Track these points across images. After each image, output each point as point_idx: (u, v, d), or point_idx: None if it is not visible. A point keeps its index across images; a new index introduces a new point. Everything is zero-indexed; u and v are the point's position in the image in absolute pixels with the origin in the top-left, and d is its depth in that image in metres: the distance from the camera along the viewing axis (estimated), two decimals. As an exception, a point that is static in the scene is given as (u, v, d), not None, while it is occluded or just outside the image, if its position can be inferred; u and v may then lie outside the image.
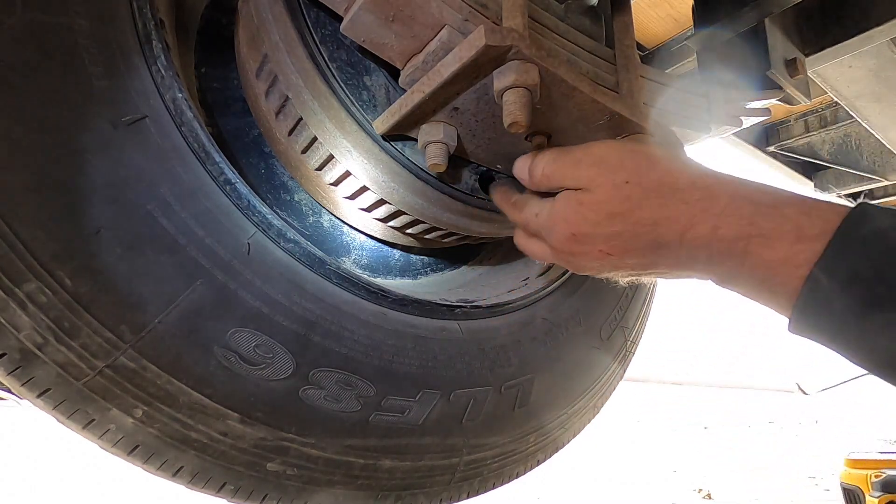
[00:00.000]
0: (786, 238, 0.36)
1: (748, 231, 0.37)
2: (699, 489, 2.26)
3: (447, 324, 0.65)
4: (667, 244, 0.41)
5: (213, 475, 0.48)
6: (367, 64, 0.55)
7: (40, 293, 0.39)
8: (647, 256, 0.42)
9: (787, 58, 0.84)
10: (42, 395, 0.40)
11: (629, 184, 0.42)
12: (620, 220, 0.42)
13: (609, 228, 0.42)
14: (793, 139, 1.73)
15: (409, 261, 0.83)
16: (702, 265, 0.41)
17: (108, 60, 0.44)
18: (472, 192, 0.59)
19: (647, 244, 0.42)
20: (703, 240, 0.39)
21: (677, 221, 0.40)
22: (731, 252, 0.38)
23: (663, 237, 0.41)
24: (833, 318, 0.34)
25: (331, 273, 0.55)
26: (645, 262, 0.43)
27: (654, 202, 0.41)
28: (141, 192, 0.44)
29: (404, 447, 0.59)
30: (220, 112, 0.69)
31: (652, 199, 0.41)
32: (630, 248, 0.42)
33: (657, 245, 0.41)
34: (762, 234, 0.37)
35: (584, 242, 0.44)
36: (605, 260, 0.44)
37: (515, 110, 0.41)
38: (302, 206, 0.72)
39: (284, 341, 0.50)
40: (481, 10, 0.46)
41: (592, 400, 0.84)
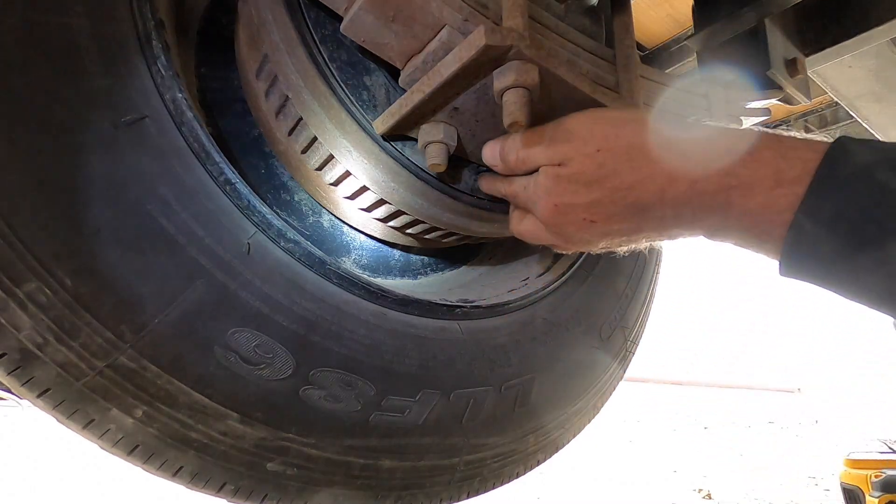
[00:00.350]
0: (765, 184, 0.35)
1: (727, 182, 0.37)
2: (699, 489, 2.26)
3: (447, 324, 0.65)
4: (648, 205, 0.41)
5: (213, 475, 0.48)
6: (367, 64, 0.55)
7: (40, 293, 0.39)
8: (632, 220, 0.43)
9: (787, 58, 0.84)
10: (42, 395, 0.40)
11: (600, 151, 0.43)
12: (598, 187, 0.43)
13: (588, 196, 0.43)
14: (793, 139, 1.73)
15: (409, 261, 0.83)
16: (688, 222, 0.41)
17: (108, 60, 0.44)
18: (472, 192, 0.59)
19: (627, 207, 0.42)
20: (684, 197, 0.39)
21: (653, 181, 0.40)
22: (714, 205, 0.38)
23: (642, 199, 0.41)
24: (821, 261, 0.33)
25: (331, 273, 0.55)
26: (631, 227, 0.44)
27: (626, 166, 0.42)
28: (141, 192, 0.44)
29: (404, 447, 0.59)
30: (220, 112, 0.69)
31: (624, 163, 0.42)
32: (612, 213, 0.43)
33: (638, 207, 0.42)
34: (742, 184, 0.36)
35: (567, 212, 0.45)
36: (592, 228, 0.45)
37: (515, 110, 0.41)
38: (302, 206, 0.72)
39: (284, 341, 0.50)
40: (481, 10, 0.46)
41: (592, 400, 0.84)
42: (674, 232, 0.43)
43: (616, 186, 0.42)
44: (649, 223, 0.43)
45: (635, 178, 0.41)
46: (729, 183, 0.37)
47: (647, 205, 0.41)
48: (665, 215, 0.41)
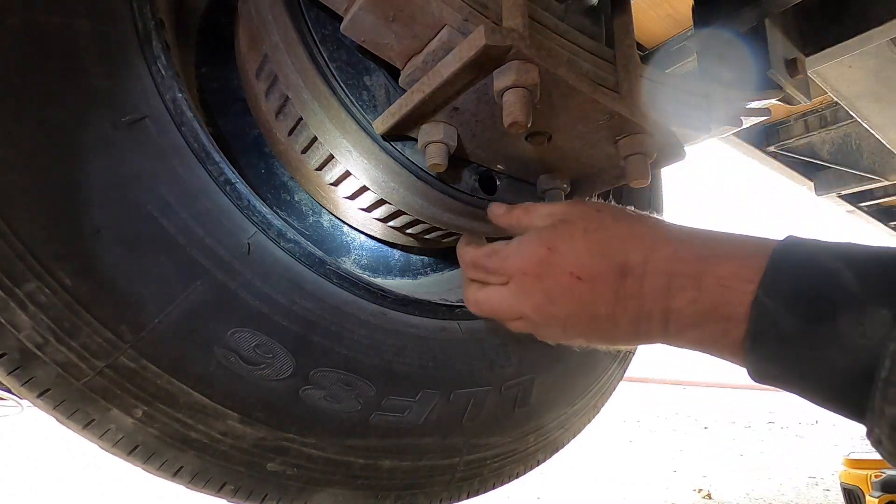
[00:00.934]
0: (736, 255, 0.39)
1: (703, 252, 0.41)
2: (699, 489, 2.26)
3: (447, 324, 0.65)
4: (631, 267, 0.42)
5: (213, 475, 0.48)
6: (367, 64, 0.55)
7: (40, 293, 0.39)
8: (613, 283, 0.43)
9: (787, 58, 0.84)
10: (42, 395, 0.41)
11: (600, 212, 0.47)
12: (593, 234, 0.45)
13: (584, 242, 0.45)
14: (793, 139, 1.73)
15: (409, 261, 0.83)
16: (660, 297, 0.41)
17: (108, 60, 0.44)
18: (472, 192, 0.59)
19: (614, 266, 0.43)
20: (665, 262, 0.42)
21: (643, 240, 0.43)
22: (691, 273, 0.40)
23: (631, 256, 0.43)
24: (782, 341, 0.35)
25: (331, 273, 0.55)
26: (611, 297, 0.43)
27: (623, 223, 0.46)
28: (141, 192, 0.44)
29: (404, 447, 0.59)
30: (220, 112, 0.69)
31: (622, 219, 0.46)
32: (599, 269, 0.43)
33: (623, 268, 0.43)
34: (714, 255, 0.40)
35: (555, 263, 0.45)
36: (574, 289, 0.44)
37: (515, 110, 0.41)
38: (302, 206, 0.72)
39: (284, 341, 0.50)
40: (481, 10, 0.46)
41: (592, 400, 0.84)
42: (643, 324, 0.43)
43: (614, 235, 0.44)
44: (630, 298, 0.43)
45: (629, 232, 0.44)
46: (704, 252, 0.41)
47: (633, 266, 0.43)
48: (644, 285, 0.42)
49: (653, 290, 0.42)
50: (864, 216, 2.12)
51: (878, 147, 1.63)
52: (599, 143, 0.55)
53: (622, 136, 0.54)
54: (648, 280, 0.42)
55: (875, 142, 1.50)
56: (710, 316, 0.39)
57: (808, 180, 1.86)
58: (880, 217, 2.18)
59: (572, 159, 0.59)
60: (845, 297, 0.33)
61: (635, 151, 0.53)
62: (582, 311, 0.45)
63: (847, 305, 0.33)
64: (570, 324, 0.46)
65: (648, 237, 0.44)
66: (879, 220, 2.17)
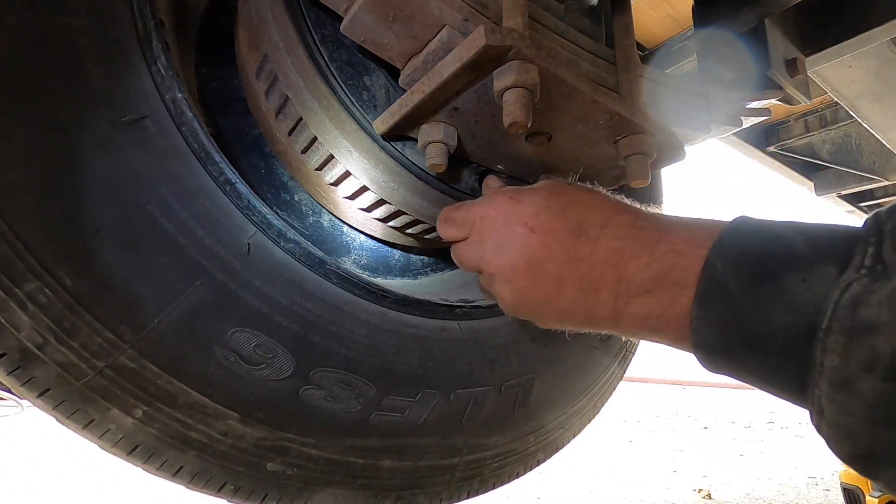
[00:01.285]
0: (691, 226, 0.40)
1: (661, 223, 0.42)
2: (699, 489, 2.26)
3: (447, 324, 0.65)
4: (588, 228, 0.43)
5: (213, 475, 0.48)
6: (367, 64, 0.55)
7: (40, 293, 0.39)
8: (566, 240, 0.43)
9: (787, 58, 0.84)
10: (42, 395, 0.40)
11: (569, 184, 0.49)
12: (556, 196, 0.46)
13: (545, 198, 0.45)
14: (793, 139, 1.73)
15: (409, 261, 0.83)
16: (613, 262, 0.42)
17: (108, 60, 0.44)
18: (472, 192, 0.59)
19: (571, 225, 0.43)
20: (622, 227, 0.42)
21: (602, 209, 0.44)
22: (648, 240, 0.40)
23: (587, 220, 0.43)
24: (728, 301, 0.35)
25: (331, 273, 0.55)
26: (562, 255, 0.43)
27: (587, 192, 0.46)
28: (141, 192, 0.44)
29: (404, 447, 0.59)
30: (220, 112, 0.69)
31: (587, 190, 0.47)
32: (554, 225, 0.44)
33: (579, 227, 0.43)
34: (673, 225, 0.41)
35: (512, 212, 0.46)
36: (526, 240, 0.44)
37: (515, 110, 0.41)
38: (302, 206, 0.72)
39: (284, 341, 0.50)
40: (481, 10, 0.46)
41: (592, 400, 0.84)
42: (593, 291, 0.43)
43: (573, 199, 0.45)
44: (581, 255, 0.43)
45: (590, 198, 0.45)
46: (661, 224, 0.42)
47: (588, 227, 0.43)
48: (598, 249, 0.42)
49: (606, 253, 0.42)
50: (864, 216, 2.12)
51: (878, 147, 1.63)
52: (599, 143, 0.55)
53: (622, 136, 0.54)
54: (603, 243, 0.42)
55: (875, 142, 1.50)
56: (660, 281, 0.39)
57: (808, 180, 1.86)
58: (880, 217, 2.18)
59: (572, 159, 0.59)
60: (792, 256, 0.33)
61: (635, 151, 0.53)
62: (529, 266, 0.44)
63: (794, 264, 0.33)
64: (516, 280, 0.45)
65: (610, 205, 0.44)
66: (879, 220, 2.17)
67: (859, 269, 0.30)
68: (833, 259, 0.32)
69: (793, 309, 0.32)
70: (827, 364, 0.29)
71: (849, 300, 0.29)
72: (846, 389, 0.29)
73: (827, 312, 0.30)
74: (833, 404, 0.29)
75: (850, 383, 0.29)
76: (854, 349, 0.28)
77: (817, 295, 0.31)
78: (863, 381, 0.28)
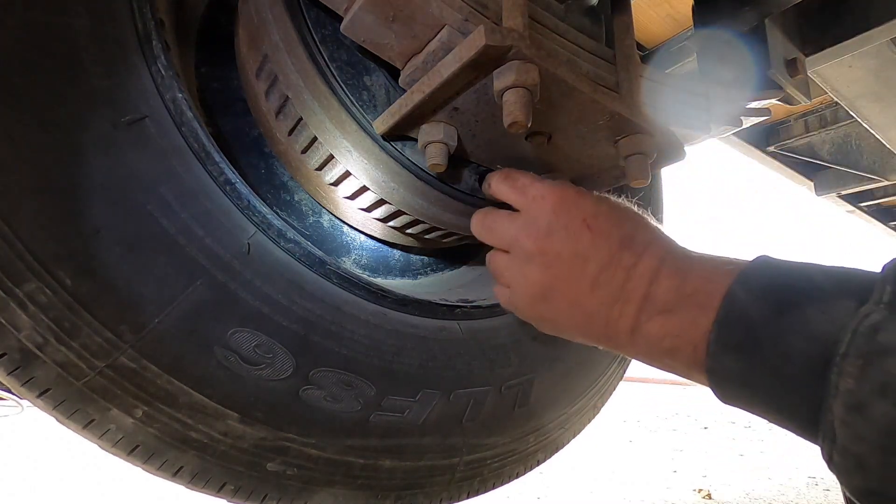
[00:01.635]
0: (715, 260, 0.42)
1: (691, 254, 0.44)
2: (699, 489, 2.26)
3: (447, 324, 0.65)
4: (635, 243, 0.45)
5: (213, 475, 0.48)
6: (367, 64, 0.55)
7: (40, 293, 0.39)
8: (615, 248, 0.45)
9: (787, 58, 0.84)
10: (42, 395, 0.40)
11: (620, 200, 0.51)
12: (615, 205, 0.48)
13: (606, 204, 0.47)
14: (793, 139, 1.73)
15: (409, 261, 0.83)
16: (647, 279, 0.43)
17: (108, 60, 0.44)
18: (472, 192, 0.59)
19: (623, 235, 0.45)
20: (663, 250, 0.44)
21: (649, 230, 0.47)
22: (679, 266, 0.43)
23: (636, 236, 0.46)
24: (748, 327, 0.36)
25: (331, 273, 0.55)
26: (607, 260, 0.45)
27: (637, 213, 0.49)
28: (141, 192, 0.44)
29: (404, 447, 0.59)
30: (220, 112, 0.69)
31: (634, 209, 0.50)
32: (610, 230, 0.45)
33: (629, 240, 0.45)
34: (703, 257, 0.43)
35: (575, 205, 0.47)
36: (579, 234, 0.45)
37: (515, 110, 0.41)
38: (302, 206, 0.72)
39: (284, 341, 0.50)
40: (481, 10, 0.46)
41: (592, 400, 0.84)
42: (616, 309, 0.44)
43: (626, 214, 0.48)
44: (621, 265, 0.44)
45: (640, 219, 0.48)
46: (693, 255, 0.44)
47: (636, 243, 0.45)
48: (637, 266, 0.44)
49: (644, 269, 0.43)
50: (864, 216, 2.12)
51: (878, 147, 1.63)
52: (599, 143, 0.55)
53: (622, 136, 0.54)
54: (645, 259, 0.44)
55: (875, 142, 1.50)
56: (684, 303, 0.40)
57: (808, 180, 1.86)
58: (880, 217, 2.18)
59: (572, 159, 0.59)
60: (814, 290, 0.34)
61: (635, 151, 0.53)
62: (574, 260, 0.45)
63: (815, 297, 0.34)
64: (554, 267, 0.46)
65: (655, 228, 0.47)
66: (879, 220, 2.17)
67: (878, 303, 0.30)
68: (853, 295, 0.32)
69: (812, 337, 0.32)
70: (842, 387, 0.30)
71: (868, 328, 0.30)
72: (860, 413, 0.29)
73: (845, 339, 0.30)
74: (846, 429, 0.29)
75: (864, 407, 0.29)
76: (869, 372, 0.29)
77: (836, 325, 0.32)
78: (877, 404, 0.28)
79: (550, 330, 0.51)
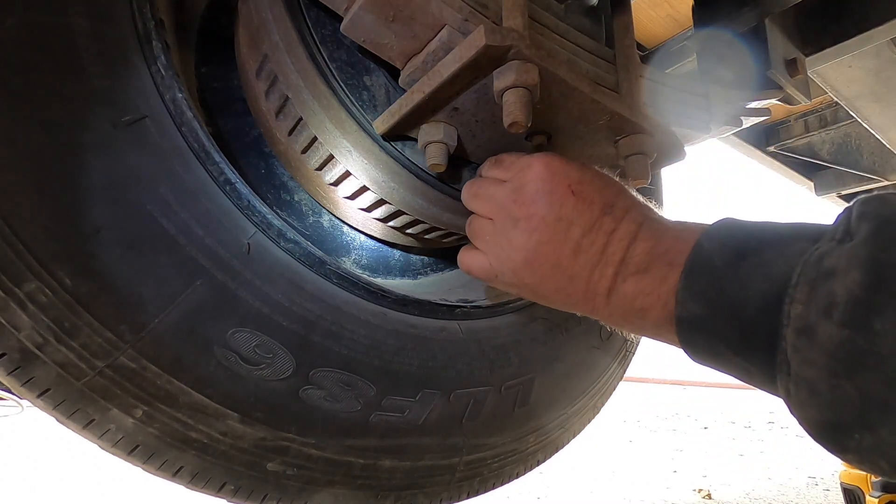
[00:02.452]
0: (688, 222, 0.44)
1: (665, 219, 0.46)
2: (699, 489, 2.26)
3: (447, 324, 0.65)
4: (616, 208, 0.47)
5: (213, 475, 0.48)
6: (367, 64, 0.55)
7: (40, 293, 0.39)
8: (597, 213, 0.46)
9: (787, 58, 0.84)
10: (42, 395, 0.40)
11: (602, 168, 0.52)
12: (598, 173, 0.49)
13: (590, 171, 0.49)
14: (793, 139, 1.73)
15: (409, 261, 0.83)
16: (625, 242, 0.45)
17: (108, 60, 0.44)
18: (472, 192, 0.59)
19: (605, 201, 0.47)
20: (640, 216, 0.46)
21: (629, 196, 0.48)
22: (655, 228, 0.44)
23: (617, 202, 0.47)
24: (711, 273, 0.37)
25: (331, 273, 0.55)
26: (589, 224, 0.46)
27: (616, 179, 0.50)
28: (141, 192, 0.44)
29: (404, 447, 0.59)
30: (220, 112, 0.69)
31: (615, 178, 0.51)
32: (593, 196, 0.47)
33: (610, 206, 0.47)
34: (675, 222, 0.45)
35: (561, 172, 0.48)
36: (564, 199, 0.46)
37: (515, 110, 0.41)
38: (302, 206, 0.72)
39: (284, 341, 0.50)
40: (481, 10, 0.46)
41: (592, 400, 0.84)
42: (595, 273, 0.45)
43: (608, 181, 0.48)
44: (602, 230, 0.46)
45: (621, 187, 0.49)
46: (667, 220, 0.46)
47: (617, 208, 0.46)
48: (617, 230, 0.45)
49: (623, 233, 0.45)
50: (864, 216, 2.11)
51: (878, 147, 1.63)
52: (599, 143, 0.55)
53: (622, 136, 0.54)
54: (624, 224, 0.45)
55: (875, 142, 1.50)
56: (656, 261, 0.42)
57: (808, 180, 1.86)
58: (880, 217, 2.18)
59: (572, 159, 0.59)
60: (773, 236, 0.36)
61: (635, 151, 0.53)
62: (558, 224, 0.46)
63: (773, 242, 0.36)
64: (539, 231, 0.47)
65: (633, 195, 0.49)
66: (879, 220, 2.17)
67: (830, 240, 0.32)
68: (810, 238, 0.34)
69: (769, 276, 0.34)
70: (792, 313, 0.31)
71: (816, 256, 0.31)
72: (807, 336, 0.30)
73: (797, 269, 0.32)
74: (797, 354, 0.30)
75: (811, 329, 0.30)
76: (815, 295, 0.30)
77: (791, 264, 0.33)
78: (822, 325, 0.29)
79: (529, 295, 0.52)
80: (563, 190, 0.47)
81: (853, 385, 0.28)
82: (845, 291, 0.28)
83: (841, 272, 0.29)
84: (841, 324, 0.28)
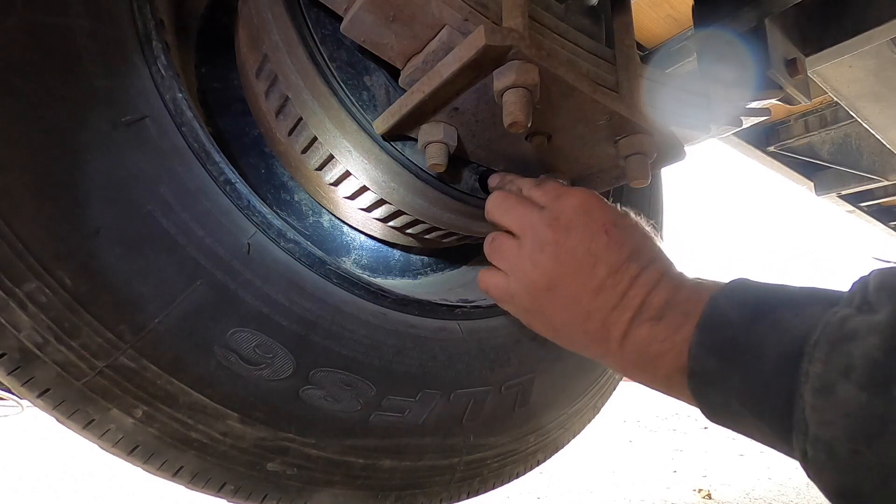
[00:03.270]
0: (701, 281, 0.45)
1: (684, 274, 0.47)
2: (699, 489, 2.26)
3: (447, 324, 0.65)
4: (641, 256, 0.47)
5: (213, 475, 0.48)
6: (367, 64, 0.55)
7: (40, 293, 0.39)
8: (624, 257, 0.47)
9: (787, 58, 0.84)
10: (42, 395, 0.40)
11: None
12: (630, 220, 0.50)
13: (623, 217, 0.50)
14: (793, 139, 1.73)
15: (409, 261, 0.83)
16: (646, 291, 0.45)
17: (108, 60, 0.44)
18: (472, 192, 0.59)
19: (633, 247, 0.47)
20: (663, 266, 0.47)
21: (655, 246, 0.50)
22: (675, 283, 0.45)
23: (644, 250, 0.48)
24: (725, 328, 0.38)
25: (331, 273, 0.55)
26: (616, 266, 0.47)
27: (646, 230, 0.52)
28: (141, 192, 0.44)
29: (404, 447, 0.59)
30: (220, 112, 0.69)
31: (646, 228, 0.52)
32: (624, 240, 0.47)
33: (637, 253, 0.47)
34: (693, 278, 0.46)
35: (598, 210, 0.48)
36: (596, 237, 0.47)
37: (515, 110, 0.41)
38: (302, 206, 0.72)
39: (284, 341, 0.50)
40: (481, 10, 0.46)
41: (592, 400, 0.84)
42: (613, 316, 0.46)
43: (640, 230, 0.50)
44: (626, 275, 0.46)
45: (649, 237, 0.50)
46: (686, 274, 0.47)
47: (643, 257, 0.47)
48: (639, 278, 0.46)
49: (644, 281, 0.45)
50: (864, 216, 2.12)
51: (878, 147, 1.63)
52: (599, 143, 0.55)
53: (622, 136, 0.54)
54: (647, 272, 0.46)
55: (875, 142, 1.50)
56: (672, 311, 0.43)
57: (808, 180, 1.86)
58: (880, 217, 2.18)
59: (572, 159, 0.59)
60: (788, 298, 0.37)
61: (635, 151, 0.53)
62: (586, 258, 0.47)
63: (789, 303, 0.37)
64: (564, 261, 0.47)
65: (661, 250, 0.50)
66: (879, 220, 2.17)
67: (847, 306, 0.33)
68: (825, 303, 0.35)
69: (786, 335, 0.34)
70: (812, 372, 0.31)
71: (838, 319, 0.31)
72: (826, 396, 0.30)
73: (817, 331, 0.32)
74: (815, 414, 0.30)
75: (830, 389, 0.29)
76: (835, 355, 0.30)
77: (808, 324, 0.33)
78: (841, 386, 0.29)
79: (541, 326, 0.52)
80: (598, 227, 0.48)
81: (873, 452, 0.28)
82: (864, 354, 0.29)
83: (861, 335, 0.29)
84: (860, 386, 0.28)
